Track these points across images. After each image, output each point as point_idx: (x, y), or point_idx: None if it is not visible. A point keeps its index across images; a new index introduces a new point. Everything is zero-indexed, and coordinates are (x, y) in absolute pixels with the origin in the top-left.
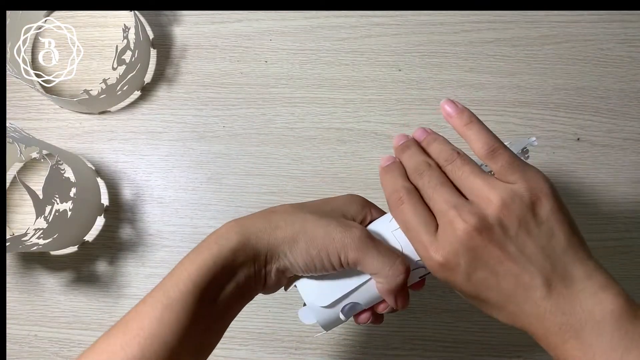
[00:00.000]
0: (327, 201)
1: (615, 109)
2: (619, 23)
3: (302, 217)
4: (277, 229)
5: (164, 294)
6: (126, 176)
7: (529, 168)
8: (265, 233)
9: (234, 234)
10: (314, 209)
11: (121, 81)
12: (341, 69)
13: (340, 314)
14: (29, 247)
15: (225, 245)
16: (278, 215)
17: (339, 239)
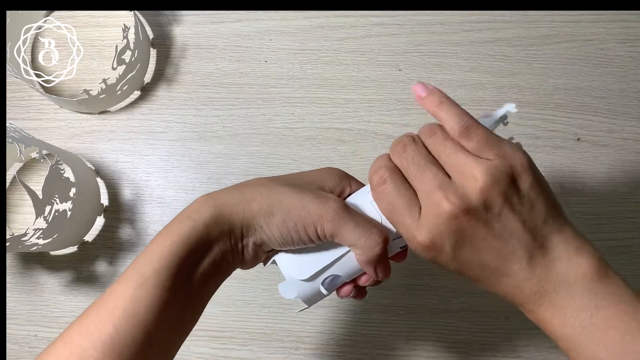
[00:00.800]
0: (304, 174)
1: (615, 109)
2: (619, 23)
3: (277, 190)
4: (252, 201)
5: (138, 271)
6: (126, 176)
7: (504, 143)
8: (240, 206)
9: (207, 207)
10: (290, 182)
11: (121, 81)
12: (341, 69)
13: (321, 287)
14: (28, 247)
15: (199, 220)
16: (253, 188)
17: (314, 211)
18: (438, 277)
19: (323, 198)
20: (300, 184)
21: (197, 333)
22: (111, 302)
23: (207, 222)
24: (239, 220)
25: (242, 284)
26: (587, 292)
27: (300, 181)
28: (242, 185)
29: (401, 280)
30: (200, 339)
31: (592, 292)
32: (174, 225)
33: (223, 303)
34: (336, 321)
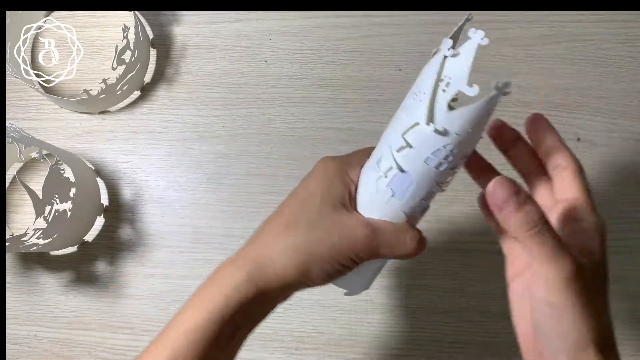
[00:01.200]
0: (310, 197)
1: (615, 109)
2: (619, 23)
3: (303, 241)
4: (286, 268)
5: (170, 343)
6: (126, 176)
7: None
8: (275, 277)
9: (242, 284)
10: (308, 221)
11: (121, 81)
12: (341, 69)
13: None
14: (28, 247)
15: (233, 298)
16: (279, 248)
17: (346, 248)
18: (438, 277)
19: (348, 230)
20: (317, 217)
21: None
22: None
23: (242, 301)
24: (277, 289)
25: None
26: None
27: (314, 211)
28: (266, 247)
29: (401, 280)
30: None
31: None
32: (205, 300)
33: None
34: (336, 321)
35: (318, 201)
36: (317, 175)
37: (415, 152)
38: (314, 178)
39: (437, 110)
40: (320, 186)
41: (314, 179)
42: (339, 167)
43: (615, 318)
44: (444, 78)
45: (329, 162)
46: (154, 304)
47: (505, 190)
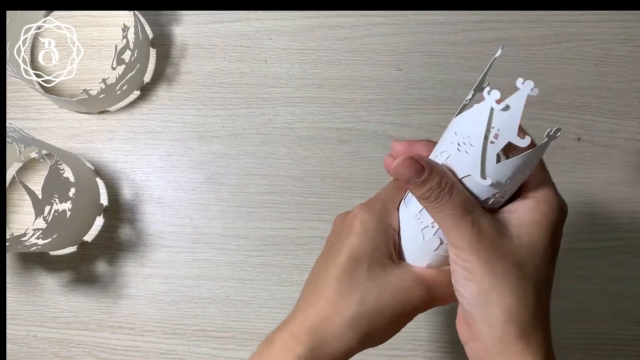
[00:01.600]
0: (357, 264)
1: (616, 108)
2: (619, 23)
3: (363, 313)
4: (349, 342)
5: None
6: (126, 176)
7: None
8: (338, 351)
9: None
10: (363, 290)
11: (120, 81)
12: (341, 69)
13: None
14: (28, 247)
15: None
16: (339, 322)
17: (406, 311)
18: None
19: (403, 292)
20: (370, 284)
21: (197, 333)
22: None
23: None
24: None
25: (242, 284)
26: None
27: (362, 277)
28: (324, 319)
29: None
30: (200, 339)
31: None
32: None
33: (223, 303)
34: None
35: (366, 266)
36: (359, 233)
37: None
38: (356, 237)
39: (488, 163)
40: (365, 248)
41: (357, 238)
42: (378, 220)
43: (615, 318)
44: (492, 129)
45: (367, 215)
46: (154, 304)
47: (408, 169)
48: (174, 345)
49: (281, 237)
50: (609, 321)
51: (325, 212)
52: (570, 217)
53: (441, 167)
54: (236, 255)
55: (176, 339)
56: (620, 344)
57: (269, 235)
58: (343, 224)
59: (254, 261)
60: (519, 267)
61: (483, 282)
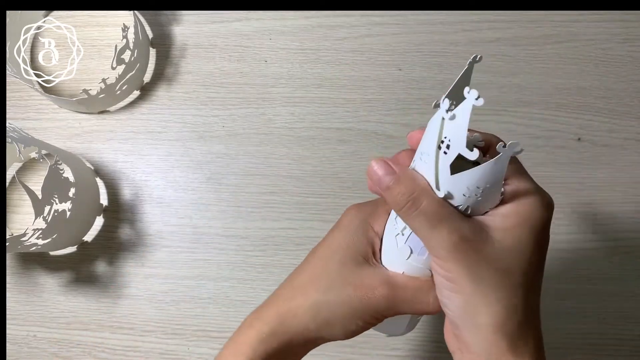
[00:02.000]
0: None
1: (616, 108)
2: (620, 23)
3: (323, 303)
4: (307, 326)
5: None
6: (125, 176)
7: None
8: (297, 334)
9: (267, 337)
10: (329, 280)
11: (120, 81)
12: (341, 69)
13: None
14: (27, 247)
15: (259, 349)
16: (301, 306)
17: (365, 308)
18: None
19: (365, 289)
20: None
21: (197, 333)
22: None
23: (268, 352)
24: (299, 344)
25: (242, 284)
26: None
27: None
28: (290, 302)
29: None
30: (200, 339)
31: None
32: (235, 351)
33: (223, 303)
34: None
35: (339, 258)
36: (341, 228)
37: None
38: (338, 232)
39: (441, 174)
40: (343, 242)
41: (338, 233)
42: (363, 219)
43: (616, 318)
44: (444, 140)
45: (354, 213)
46: (154, 304)
47: (380, 170)
48: (174, 346)
49: (281, 237)
50: (609, 321)
51: (325, 212)
52: (570, 217)
53: (412, 172)
54: (236, 255)
55: (176, 339)
56: (621, 344)
57: (269, 235)
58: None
59: (254, 261)
60: (504, 273)
61: (468, 292)
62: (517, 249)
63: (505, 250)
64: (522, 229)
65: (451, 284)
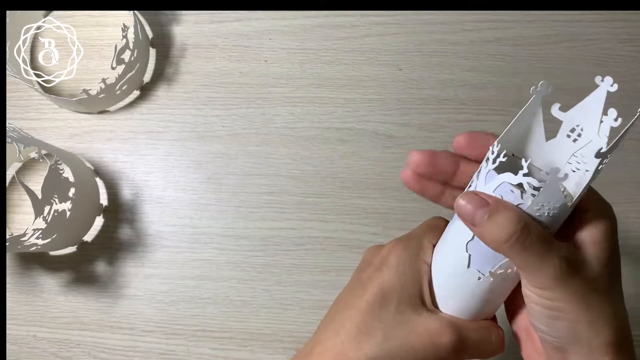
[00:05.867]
0: (385, 300)
1: (615, 109)
2: (620, 22)
3: (383, 353)
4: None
5: None
6: (125, 176)
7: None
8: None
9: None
10: (387, 328)
11: (120, 81)
12: (341, 69)
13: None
14: (27, 247)
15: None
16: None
17: (431, 357)
18: None
19: (430, 336)
20: (395, 324)
21: (197, 333)
22: None
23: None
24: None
25: (241, 284)
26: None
27: (389, 315)
28: (341, 354)
29: None
30: (200, 339)
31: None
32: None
33: (223, 303)
34: None
35: (395, 305)
36: (391, 268)
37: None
38: (388, 272)
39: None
40: (397, 283)
41: (388, 273)
42: (413, 254)
43: None
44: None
45: (400, 250)
46: (154, 304)
47: (472, 204)
48: (174, 346)
49: (281, 237)
50: None
51: (325, 212)
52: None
53: (506, 202)
54: (236, 255)
55: (176, 339)
56: None
57: (269, 235)
58: (375, 256)
59: (254, 261)
60: (607, 290)
61: (578, 319)
62: (610, 262)
63: (602, 266)
64: (609, 241)
65: (556, 312)
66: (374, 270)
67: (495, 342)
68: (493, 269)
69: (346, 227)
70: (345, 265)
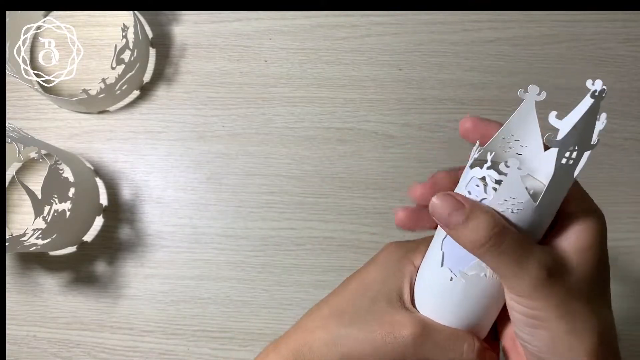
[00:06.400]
0: (364, 290)
1: (616, 108)
2: (620, 22)
3: (344, 337)
4: (319, 356)
5: None
6: (125, 176)
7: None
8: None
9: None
10: (355, 314)
11: (120, 80)
12: (341, 69)
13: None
14: (27, 247)
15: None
16: (319, 339)
17: (390, 349)
18: None
19: (393, 327)
20: (364, 312)
21: (197, 333)
22: None
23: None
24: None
25: (241, 284)
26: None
27: (364, 303)
28: (308, 334)
29: None
30: (200, 340)
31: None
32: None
33: (223, 303)
34: None
35: (371, 295)
36: (377, 263)
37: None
38: (374, 266)
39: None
40: (379, 277)
41: (374, 267)
42: (403, 255)
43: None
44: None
45: (392, 249)
46: (153, 305)
47: (446, 206)
48: (174, 346)
49: (281, 237)
50: None
51: (325, 212)
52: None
53: (483, 205)
54: (236, 255)
55: (176, 339)
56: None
57: (269, 235)
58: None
59: (254, 261)
60: (590, 299)
61: (558, 328)
62: (596, 269)
63: (586, 274)
64: (595, 247)
65: (535, 320)
66: (366, 265)
67: (467, 353)
68: (464, 269)
69: (346, 227)
70: (345, 265)
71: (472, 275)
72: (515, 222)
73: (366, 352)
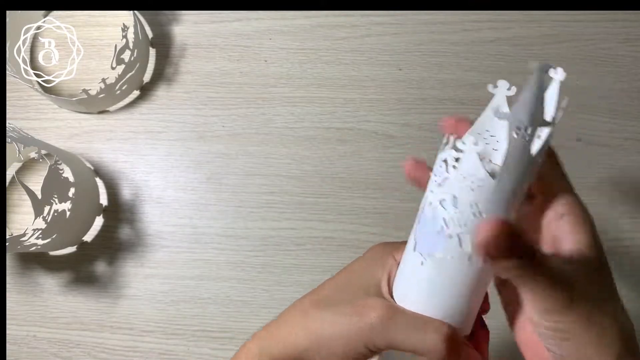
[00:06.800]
0: (346, 281)
1: (616, 108)
2: (620, 22)
3: (317, 321)
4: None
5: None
6: (125, 176)
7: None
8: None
9: (255, 357)
10: (330, 302)
11: (120, 80)
12: (341, 69)
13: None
14: (27, 247)
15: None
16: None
17: (357, 332)
18: None
19: (360, 310)
20: (339, 300)
21: (197, 333)
22: None
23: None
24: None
25: (241, 285)
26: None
27: (343, 293)
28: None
29: None
30: (200, 340)
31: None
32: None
33: (223, 303)
34: None
35: (352, 286)
36: (363, 259)
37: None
38: (357, 261)
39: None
40: (361, 271)
41: (357, 262)
42: (387, 252)
43: None
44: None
45: (379, 247)
46: (153, 305)
47: (503, 243)
48: (174, 346)
49: (281, 237)
50: None
51: (325, 212)
52: None
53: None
54: (236, 255)
55: (176, 339)
56: None
57: (269, 235)
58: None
59: (254, 261)
60: (606, 301)
61: (583, 339)
62: (603, 268)
63: (600, 277)
64: (598, 246)
65: (561, 334)
66: (352, 261)
67: (432, 339)
68: (433, 252)
69: (346, 227)
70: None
71: (440, 258)
72: (476, 200)
73: (335, 334)
